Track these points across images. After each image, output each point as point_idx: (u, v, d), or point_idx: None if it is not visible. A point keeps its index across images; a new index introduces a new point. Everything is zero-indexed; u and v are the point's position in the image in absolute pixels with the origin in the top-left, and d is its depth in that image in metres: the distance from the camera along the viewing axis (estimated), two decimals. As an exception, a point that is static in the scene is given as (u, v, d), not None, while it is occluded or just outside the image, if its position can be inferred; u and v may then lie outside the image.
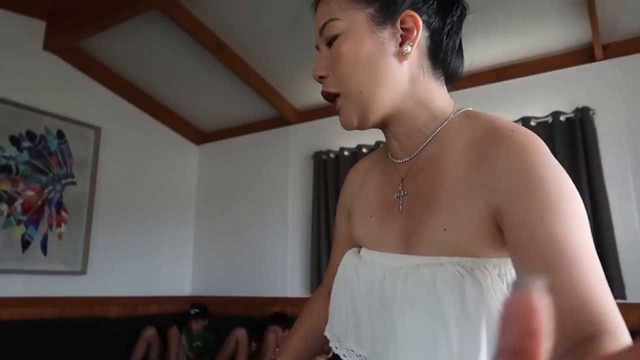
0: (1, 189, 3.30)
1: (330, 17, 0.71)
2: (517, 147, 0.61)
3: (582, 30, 2.95)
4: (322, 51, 0.76)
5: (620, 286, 2.71)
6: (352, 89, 0.69)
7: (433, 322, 0.61)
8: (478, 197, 0.62)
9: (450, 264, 0.63)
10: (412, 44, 0.68)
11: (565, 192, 0.57)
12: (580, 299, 0.51)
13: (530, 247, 0.55)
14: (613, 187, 2.87)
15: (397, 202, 0.73)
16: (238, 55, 3.63)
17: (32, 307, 3.36)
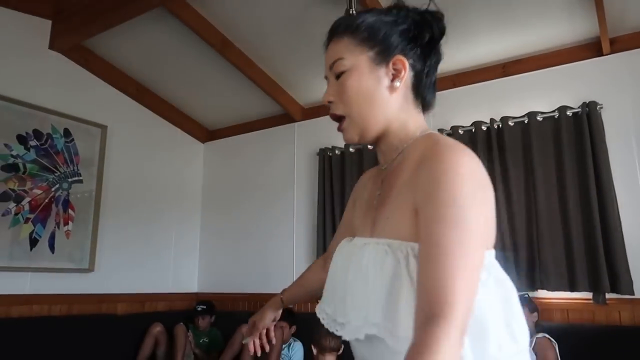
0: (9, 188, 3.32)
1: (339, 57, 0.92)
2: (437, 162, 0.79)
3: (589, 24, 2.92)
4: (331, 82, 0.95)
5: (629, 282, 2.69)
6: (354, 113, 0.91)
7: (364, 284, 0.83)
8: (410, 196, 0.82)
9: (382, 244, 0.84)
10: (400, 81, 0.92)
11: (455, 203, 0.75)
12: (431, 287, 0.71)
13: (422, 242, 0.77)
14: (620, 182, 2.85)
15: (374, 199, 0.96)
16: (243, 53, 3.63)
17: (40, 305, 3.38)
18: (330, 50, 0.95)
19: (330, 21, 0.99)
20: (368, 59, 0.90)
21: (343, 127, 0.94)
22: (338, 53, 0.92)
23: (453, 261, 0.72)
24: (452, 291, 0.70)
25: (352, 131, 0.93)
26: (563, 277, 2.87)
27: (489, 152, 3.22)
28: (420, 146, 0.89)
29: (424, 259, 0.75)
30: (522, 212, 3.06)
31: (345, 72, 0.91)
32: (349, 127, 0.93)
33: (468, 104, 3.44)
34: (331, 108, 0.94)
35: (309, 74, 3.80)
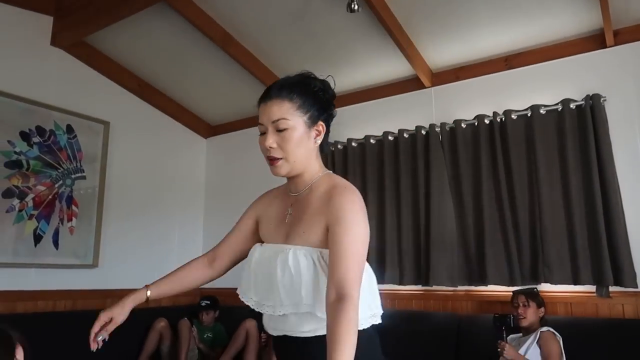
0: (12, 184, 3.33)
1: (284, 117, 1.26)
2: (342, 198, 1.24)
3: (593, 16, 2.90)
4: (272, 132, 1.27)
5: (632, 275, 2.69)
6: (290, 158, 1.28)
7: (292, 278, 1.22)
8: (323, 218, 1.24)
9: (296, 249, 1.24)
10: (320, 139, 1.33)
11: (352, 227, 1.20)
12: (337, 278, 1.14)
13: (331, 250, 1.19)
14: (624, 175, 2.84)
15: (286, 217, 1.35)
16: (245, 48, 3.62)
17: (45, 300, 3.40)
18: (274, 109, 1.27)
19: (332, 16, 1.01)
20: (303, 122, 1.28)
21: (277, 165, 1.29)
22: (283, 114, 1.26)
23: (352, 261, 1.16)
24: (351, 280, 1.14)
25: (284, 169, 1.30)
26: (566, 271, 2.87)
27: (492, 146, 3.22)
28: (324, 183, 1.32)
29: (333, 259, 1.17)
30: (525, 206, 3.06)
31: (287, 129, 1.26)
32: (283, 165, 1.29)
33: (471, 97, 3.43)
34: (271, 152, 1.27)
35: (310, 68, 3.75)
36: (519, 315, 2.63)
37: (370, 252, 3.54)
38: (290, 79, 1.36)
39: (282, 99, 1.28)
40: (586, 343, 2.58)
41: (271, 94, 1.30)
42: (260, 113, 1.30)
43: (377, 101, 3.86)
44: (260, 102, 1.32)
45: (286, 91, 1.29)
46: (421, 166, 3.43)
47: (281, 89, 1.30)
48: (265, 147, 1.27)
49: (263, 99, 1.32)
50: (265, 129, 1.29)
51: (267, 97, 1.30)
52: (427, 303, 3.37)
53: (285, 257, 1.23)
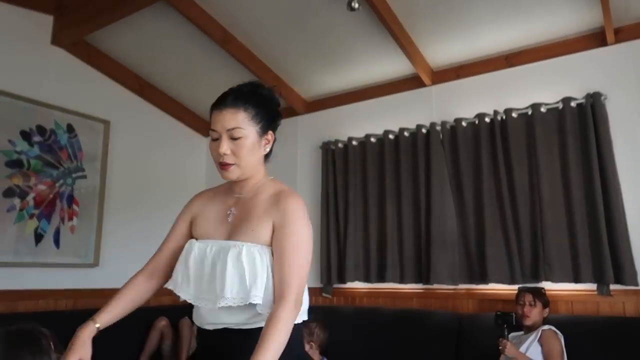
0: (13, 184, 3.33)
1: (239, 126, 1.35)
2: (289, 201, 1.38)
3: (593, 13, 2.90)
4: (226, 139, 1.35)
5: (633, 273, 2.69)
6: (242, 164, 1.37)
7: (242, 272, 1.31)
8: (271, 218, 1.37)
9: (250, 245, 1.34)
10: (269, 147, 1.44)
11: (298, 228, 1.35)
12: (281, 280, 1.28)
13: (276, 250, 1.34)
14: (625, 173, 2.84)
15: (227, 216, 1.44)
16: (245, 46, 3.62)
17: (46, 300, 3.40)
18: (230, 118, 1.34)
19: (332, 14, 1.01)
20: (256, 132, 1.38)
21: (230, 170, 1.37)
22: (238, 123, 1.34)
23: (295, 262, 1.30)
24: (293, 280, 1.27)
25: (235, 174, 1.38)
26: (567, 269, 2.87)
27: (493, 144, 3.22)
28: (270, 187, 1.44)
29: (278, 259, 1.31)
30: (526, 204, 3.06)
31: (241, 138, 1.35)
32: (234, 171, 1.37)
33: (471, 95, 3.42)
34: (225, 158, 1.35)
35: (311, 67, 3.79)
36: (524, 314, 2.61)
37: (371, 251, 3.55)
38: (244, 89, 1.41)
39: (237, 108, 1.35)
40: (587, 341, 2.58)
41: (227, 103, 1.36)
42: (213, 120, 1.37)
43: (378, 100, 3.86)
44: (214, 110, 1.38)
45: (241, 101, 1.37)
46: (422, 165, 3.43)
47: (236, 99, 1.37)
48: (219, 153, 1.35)
49: (217, 106, 1.37)
50: (218, 135, 1.36)
51: (223, 105, 1.36)
52: (428, 302, 3.37)
53: (239, 252, 1.32)
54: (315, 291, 3.85)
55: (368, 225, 3.61)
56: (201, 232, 1.45)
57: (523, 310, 2.62)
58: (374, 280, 3.53)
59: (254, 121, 1.37)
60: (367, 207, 3.65)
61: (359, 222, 3.68)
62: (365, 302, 3.65)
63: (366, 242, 3.61)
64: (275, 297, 1.27)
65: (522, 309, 2.63)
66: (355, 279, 3.63)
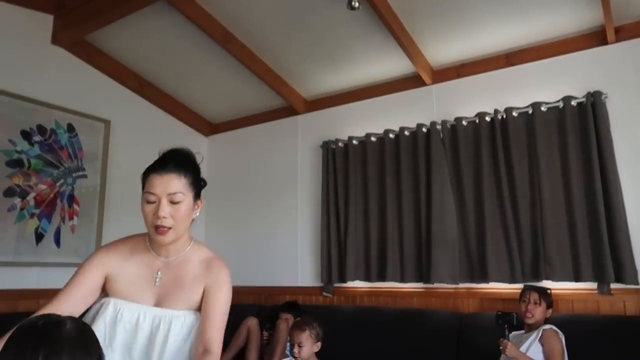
0: (14, 183, 3.33)
1: (179, 191, 1.41)
2: (220, 269, 1.51)
3: (594, 12, 2.89)
4: (165, 203, 1.40)
5: (633, 272, 2.69)
6: (178, 227, 1.43)
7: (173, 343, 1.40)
8: (202, 284, 1.48)
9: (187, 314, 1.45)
10: (198, 212, 1.51)
11: (226, 294, 1.49)
12: (208, 336, 1.39)
13: (205, 310, 1.44)
14: (625, 172, 2.83)
15: (154, 279, 1.48)
16: (246, 46, 3.62)
17: (47, 299, 3.39)
18: (172, 183, 1.40)
19: (332, 13, 1.01)
20: (191, 198, 1.45)
21: (167, 234, 1.41)
22: (179, 188, 1.41)
23: (220, 322, 1.44)
24: (218, 338, 1.41)
25: (170, 237, 1.43)
26: (567, 268, 2.87)
27: (493, 143, 3.21)
28: (196, 252, 1.54)
29: (206, 318, 1.43)
30: (526, 203, 3.06)
31: (180, 202, 1.41)
32: (170, 234, 1.42)
33: (471, 94, 3.42)
34: (163, 221, 1.39)
35: (311, 66, 3.79)
36: (527, 312, 2.59)
37: (371, 250, 3.55)
38: (183, 157, 1.49)
39: (179, 174, 1.42)
40: (588, 340, 2.58)
41: (169, 168, 1.42)
42: (153, 183, 1.41)
43: (378, 99, 3.86)
44: (152, 173, 1.42)
45: (182, 167, 1.44)
46: (422, 164, 3.43)
47: (178, 165, 1.43)
48: (157, 216, 1.39)
49: (158, 170, 1.42)
50: (156, 199, 1.40)
51: (164, 170, 1.41)
52: (429, 301, 3.38)
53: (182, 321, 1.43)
54: (316, 290, 3.86)
55: (368, 224, 3.61)
56: (122, 293, 1.46)
57: (527, 308, 2.60)
58: (375, 280, 3.53)
59: (191, 187, 1.44)
60: (367, 206, 3.65)
61: (359, 221, 3.68)
62: (366, 301, 3.65)
63: (366, 241, 3.61)
64: (203, 352, 1.37)
65: (526, 307, 2.61)
66: (356, 278, 3.63)
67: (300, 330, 2.65)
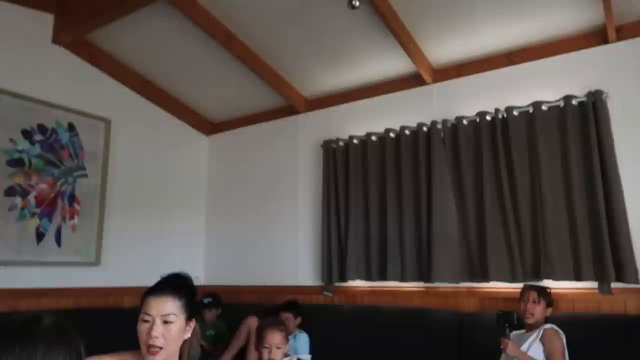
0: (15, 182, 3.34)
1: (172, 313, 1.46)
2: None
3: (595, 11, 2.89)
4: (158, 324, 1.43)
5: (634, 271, 2.69)
6: (170, 347, 1.45)
7: None
8: None
9: None
10: (189, 333, 1.53)
11: None
12: None
13: None
14: (626, 172, 2.83)
15: None
16: (246, 45, 3.62)
17: (48, 298, 3.41)
18: (166, 305, 1.46)
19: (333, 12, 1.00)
20: (184, 319, 1.49)
21: (158, 353, 1.42)
22: (172, 310, 1.46)
23: None
24: None
25: (161, 357, 1.43)
26: (568, 267, 2.87)
27: (494, 142, 3.21)
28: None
29: None
30: (527, 202, 3.05)
31: (173, 323, 1.45)
32: (162, 354, 1.43)
33: (472, 93, 3.42)
34: (155, 341, 1.42)
35: (312, 65, 3.78)
36: (527, 310, 2.59)
37: (372, 249, 3.55)
38: (179, 280, 1.56)
39: (174, 297, 1.48)
40: (588, 339, 2.58)
41: (164, 291, 1.48)
42: (149, 305, 1.46)
43: (379, 98, 3.85)
44: (150, 295, 1.48)
45: (178, 292, 1.50)
46: (423, 163, 3.43)
47: (175, 289, 1.50)
48: (150, 336, 1.42)
49: (155, 293, 1.48)
50: (151, 319, 1.44)
51: (160, 292, 1.48)
52: (429, 300, 3.37)
53: None
54: (316, 290, 3.86)
55: (369, 223, 3.61)
56: None
57: (526, 307, 2.60)
58: (375, 279, 3.53)
59: (184, 310, 1.50)
60: (368, 205, 3.65)
61: (359, 221, 3.68)
62: (367, 300, 3.65)
63: (367, 240, 3.61)
64: None
65: (525, 306, 2.60)
66: (357, 278, 3.63)
67: (279, 331, 2.47)
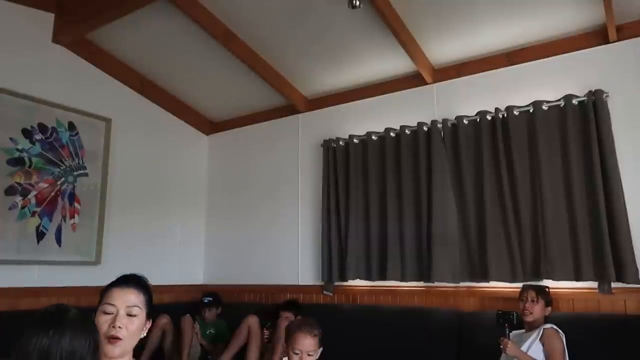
0: (15, 182, 3.34)
1: (138, 305, 1.49)
2: None
3: (596, 10, 2.89)
4: (122, 315, 1.45)
5: (634, 271, 2.68)
6: (129, 342, 1.46)
7: None
8: None
9: None
10: (145, 332, 1.53)
11: None
12: None
13: None
14: (627, 171, 2.83)
15: None
16: (247, 45, 3.61)
17: (48, 297, 3.40)
18: (133, 297, 1.49)
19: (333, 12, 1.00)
20: (144, 315, 1.50)
21: (117, 344, 1.42)
22: (136, 302, 1.49)
23: None
24: None
25: (119, 350, 1.43)
26: (568, 267, 2.87)
27: (494, 142, 3.21)
28: None
29: None
30: (527, 202, 3.05)
31: (136, 316, 1.47)
32: (121, 345, 1.42)
33: (472, 93, 3.42)
34: (117, 332, 1.42)
35: (312, 65, 3.78)
36: (526, 309, 2.59)
37: (372, 249, 3.55)
38: (141, 278, 1.60)
39: (139, 290, 1.53)
40: (588, 339, 2.58)
41: (130, 284, 1.53)
42: (113, 295, 1.49)
43: (379, 97, 3.85)
44: (114, 287, 1.52)
45: (142, 286, 1.55)
46: (423, 162, 3.43)
47: (139, 283, 1.55)
48: (114, 326, 1.43)
49: (120, 285, 1.53)
50: (114, 310, 1.46)
51: (125, 284, 1.53)
52: (429, 299, 3.38)
53: None
54: (316, 289, 3.86)
55: (369, 223, 3.61)
56: None
57: (525, 306, 2.60)
58: (375, 278, 3.53)
59: (146, 305, 1.53)
60: (368, 204, 3.65)
61: (360, 220, 3.68)
62: (367, 299, 3.65)
63: (367, 239, 3.61)
64: None
65: (524, 305, 2.61)
66: (357, 277, 3.63)
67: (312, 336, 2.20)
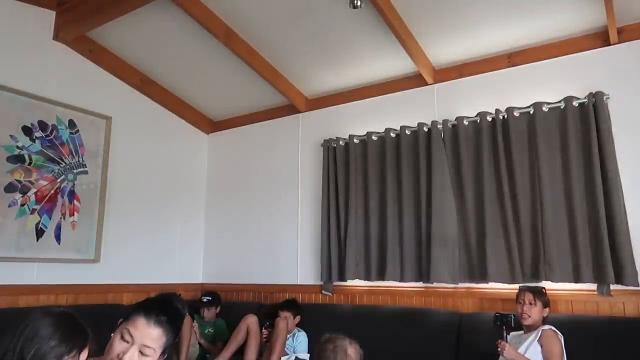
0: (15, 179, 3.34)
1: (153, 347, 1.34)
2: None
3: (596, 12, 2.89)
4: (134, 348, 1.33)
5: (633, 273, 2.69)
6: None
7: None
8: None
9: None
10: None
11: None
12: None
13: None
14: (626, 173, 2.83)
15: None
16: (247, 44, 3.61)
17: (47, 295, 3.41)
18: (154, 337, 1.35)
19: (334, 12, 1.00)
20: (159, 355, 1.36)
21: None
22: (155, 345, 1.35)
23: None
24: None
25: None
26: (567, 269, 2.87)
27: (494, 143, 3.21)
28: None
29: None
30: (526, 203, 3.05)
31: (149, 356, 1.34)
32: None
33: (473, 94, 3.42)
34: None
35: (313, 64, 3.78)
36: (523, 313, 2.59)
37: (371, 249, 3.55)
38: (176, 315, 1.44)
39: (165, 331, 1.38)
40: (587, 341, 2.58)
41: (159, 322, 1.37)
42: (136, 325, 1.35)
43: (379, 98, 3.85)
44: (144, 315, 1.37)
45: (170, 327, 1.39)
46: (423, 163, 3.43)
47: (169, 324, 1.39)
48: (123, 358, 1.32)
49: (149, 316, 1.37)
50: (131, 341, 1.34)
51: (154, 320, 1.37)
52: (428, 300, 3.38)
53: None
54: (315, 289, 3.86)
55: (369, 223, 3.61)
56: None
57: (523, 309, 2.60)
58: (374, 278, 3.53)
59: (163, 347, 1.40)
60: (367, 205, 3.65)
61: (359, 220, 3.68)
62: (365, 300, 3.65)
63: (366, 240, 3.61)
64: None
65: (522, 308, 2.61)
66: (356, 277, 3.63)
67: None
